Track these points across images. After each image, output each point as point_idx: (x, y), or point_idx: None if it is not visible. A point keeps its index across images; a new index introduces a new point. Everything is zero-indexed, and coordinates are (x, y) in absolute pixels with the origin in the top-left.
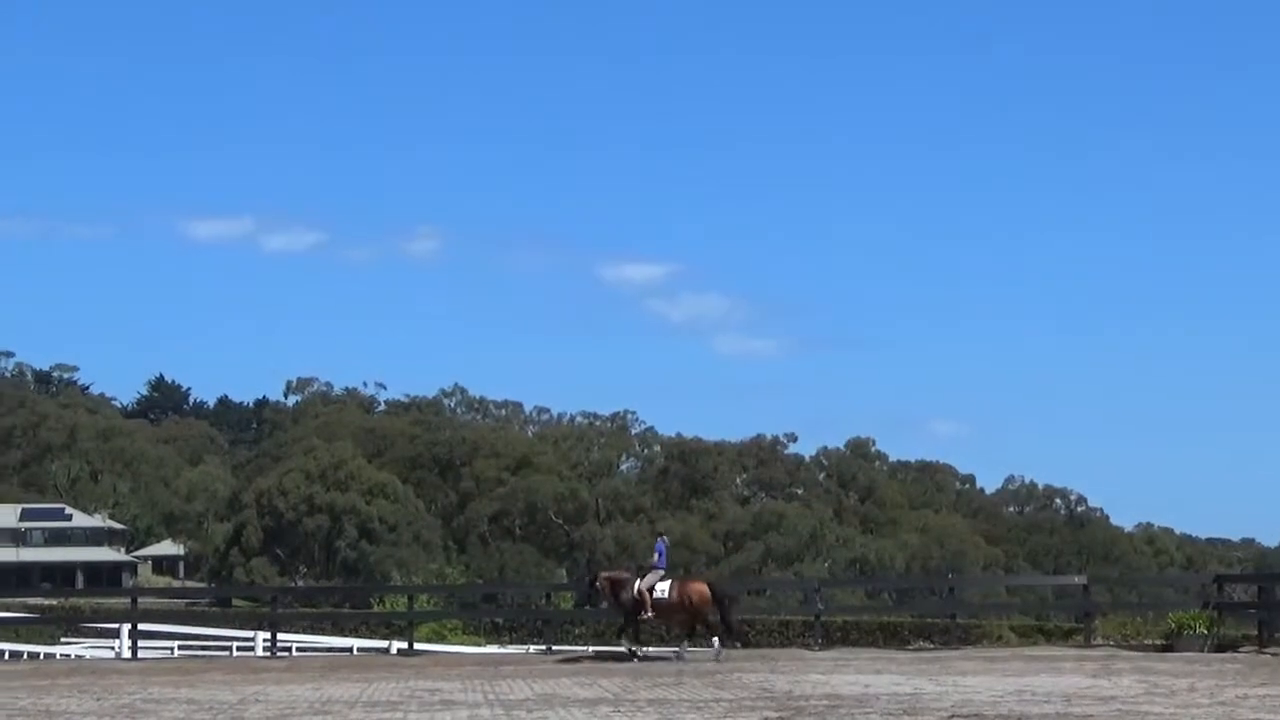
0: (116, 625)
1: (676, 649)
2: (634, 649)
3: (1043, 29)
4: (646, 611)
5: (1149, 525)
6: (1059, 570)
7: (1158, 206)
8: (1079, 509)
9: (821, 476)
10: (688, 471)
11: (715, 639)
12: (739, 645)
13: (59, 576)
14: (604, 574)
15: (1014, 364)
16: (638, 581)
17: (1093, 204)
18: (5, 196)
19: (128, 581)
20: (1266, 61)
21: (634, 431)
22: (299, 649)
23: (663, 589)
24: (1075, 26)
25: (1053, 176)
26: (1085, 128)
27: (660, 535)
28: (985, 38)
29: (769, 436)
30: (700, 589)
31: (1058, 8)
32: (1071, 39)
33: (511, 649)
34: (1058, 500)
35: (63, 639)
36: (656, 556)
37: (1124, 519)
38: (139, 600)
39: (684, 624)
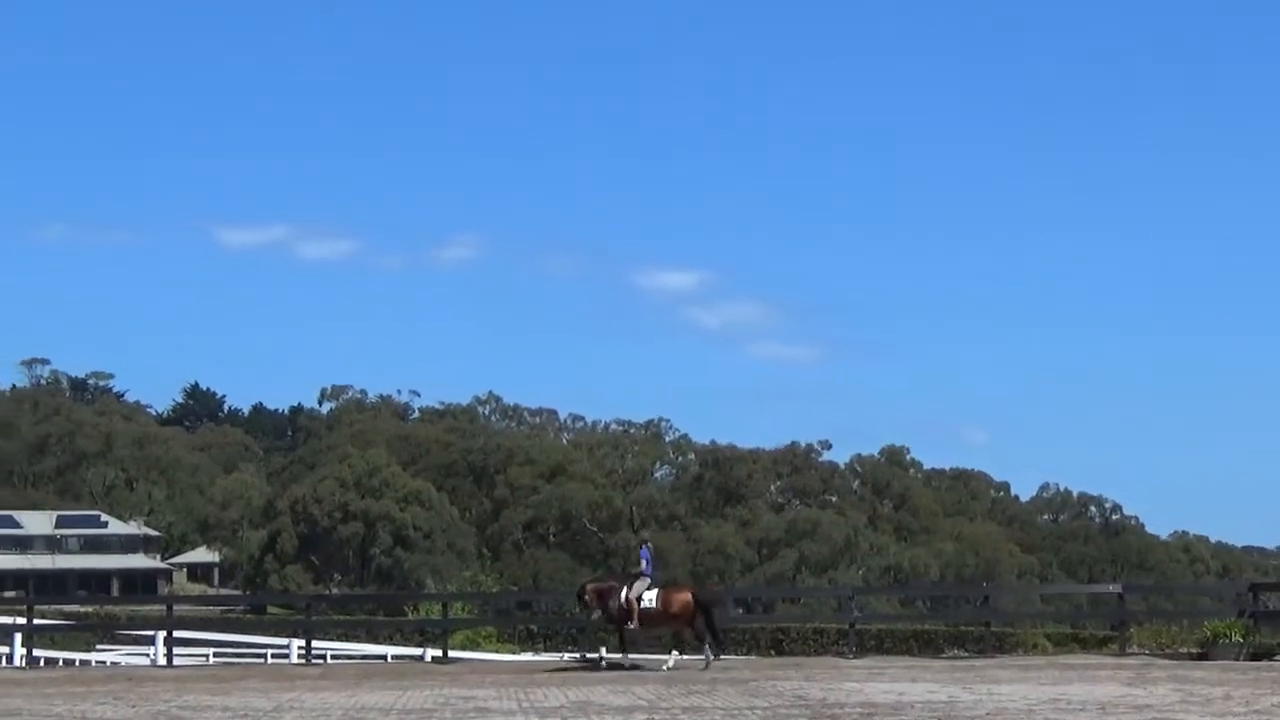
0: (152, 632)
1: (666, 656)
2: (623, 658)
3: (1088, 30)
4: (633, 621)
5: (1184, 533)
6: (1094, 578)
7: (1190, 209)
8: (1114, 517)
9: (856, 484)
10: (722, 479)
11: (707, 646)
12: (718, 656)
13: (95, 583)
14: (590, 585)
15: (1049, 371)
16: (624, 590)
17: (1126, 207)
18: (41, 204)
19: (163, 589)
20: None
21: (668, 439)
22: (333, 656)
23: (649, 598)
24: (1122, 29)
25: (1085, 180)
26: (1121, 131)
27: (645, 542)
28: (1026, 40)
29: (803, 444)
30: (683, 598)
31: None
32: (1120, 38)
33: (546, 656)
34: (1092, 508)
35: (98, 646)
36: (643, 564)
37: (1159, 527)
38: (174, 607)
39: (673, 631)
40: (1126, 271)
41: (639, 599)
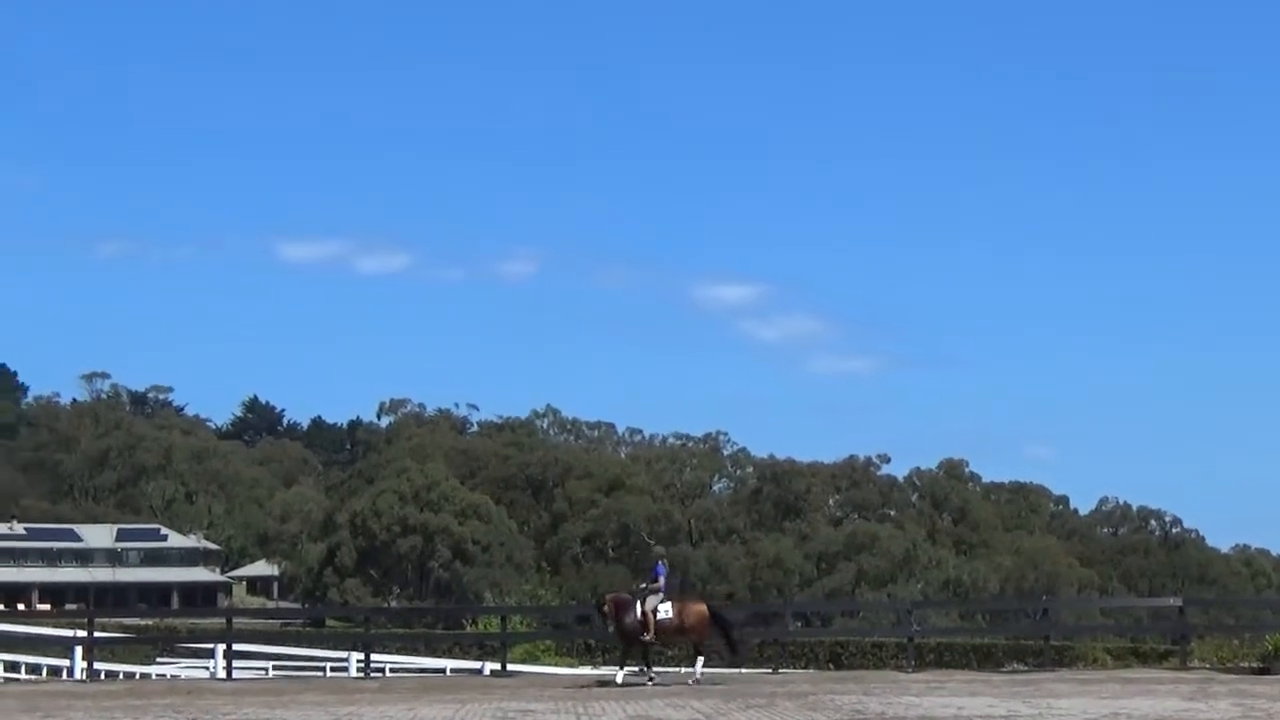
0: (211, 645)
1: (689, 669)
2: (644, 670)
3: (1156, 41)
4: (649, 634)
5: (1245, 547)
6: (1154, 592)
7: (1255, 222)
8: (1174, 530)
9: (914, 498)
10: (780, 492)
11: (699, 660)
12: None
13: (155, 597)
14: (610, 596)
15: (1107, 385)
16: (639, 604)
17: (1190, 221)
18: (100, 219)
19: (222, 602)
20: None
21: (726, 452)
22: (392, 670)
23: (665, 610)
24: (1195, 40)
25: (1145, 197)
26: (1186, 143)
27: (661, 558)
28: (1082, 55)
29: (861, 457)
30: (699, 610)
31: (1181, 23)
32: (1193, 51)
33: (604, 670)
34: (1152, 522)
35: (158, 659)
36: (660, 580)
37: (1220, 540)
38: (233, 621)
39: (688, 644)
40: (1189, 285)
41: (654, 612)
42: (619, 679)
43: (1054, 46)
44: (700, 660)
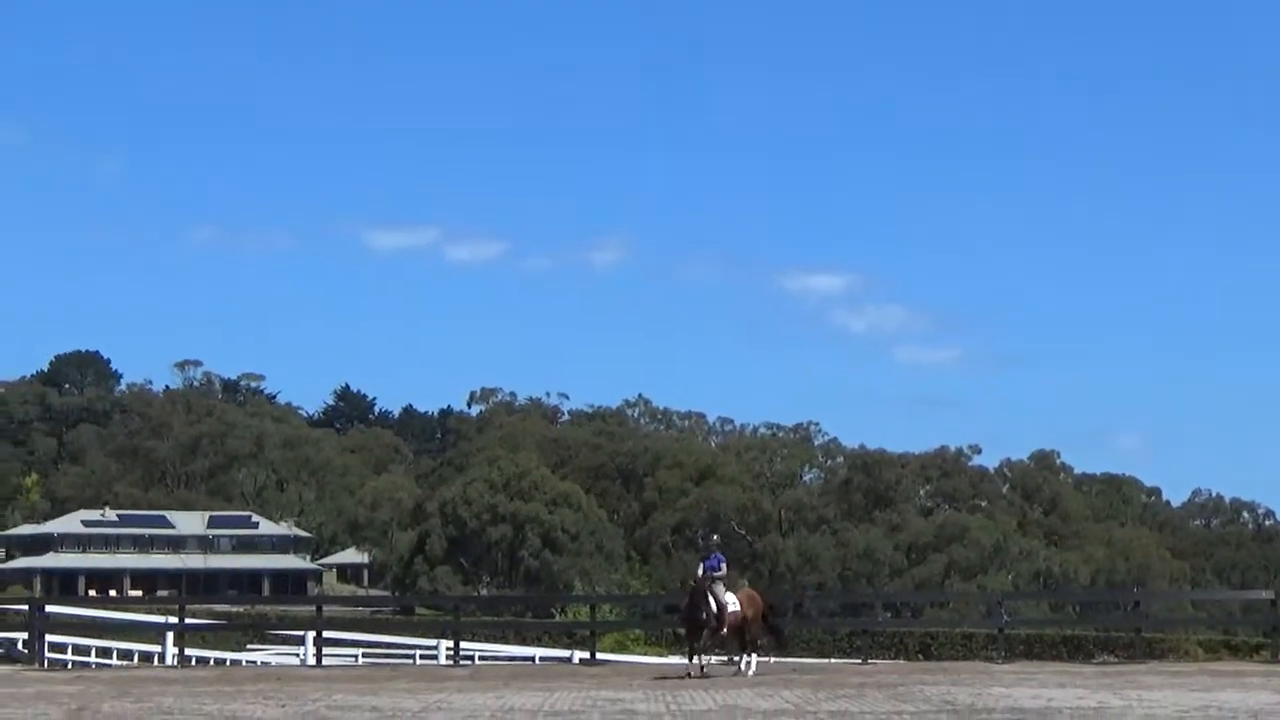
0: (301, 632)
1: (735, 658)
2: (700, 664)
3: (1247, 39)
4: (724, 626)
5: None
6: (1246, 584)
7: None
8: (1267, 523)
9: (1005, 489)
10: (870, 483)
11: (754, 653)
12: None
13: (246, 583)
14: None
15: (1200, 376)
16: (711, 597)
17: (1271, 213)
18: (193, 207)
19: (313, 589)
20: None
21: (817, 442)
22: (481, 658)
23: (733, 601)
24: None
25: (1239, 188)
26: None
27: (718, 548)
28: (1181, 45)
29: (952, 448)
30: (758, 600)
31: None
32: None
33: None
34: (1245, 514)
35: (249, 645)
36: (723, 570)
37: None
38: (324, 608)
39: (744, 634)
40: (1275, 276)
41: (726, 604)
42: (700, 669)
43: (1161, 39)
44: (755, 653)
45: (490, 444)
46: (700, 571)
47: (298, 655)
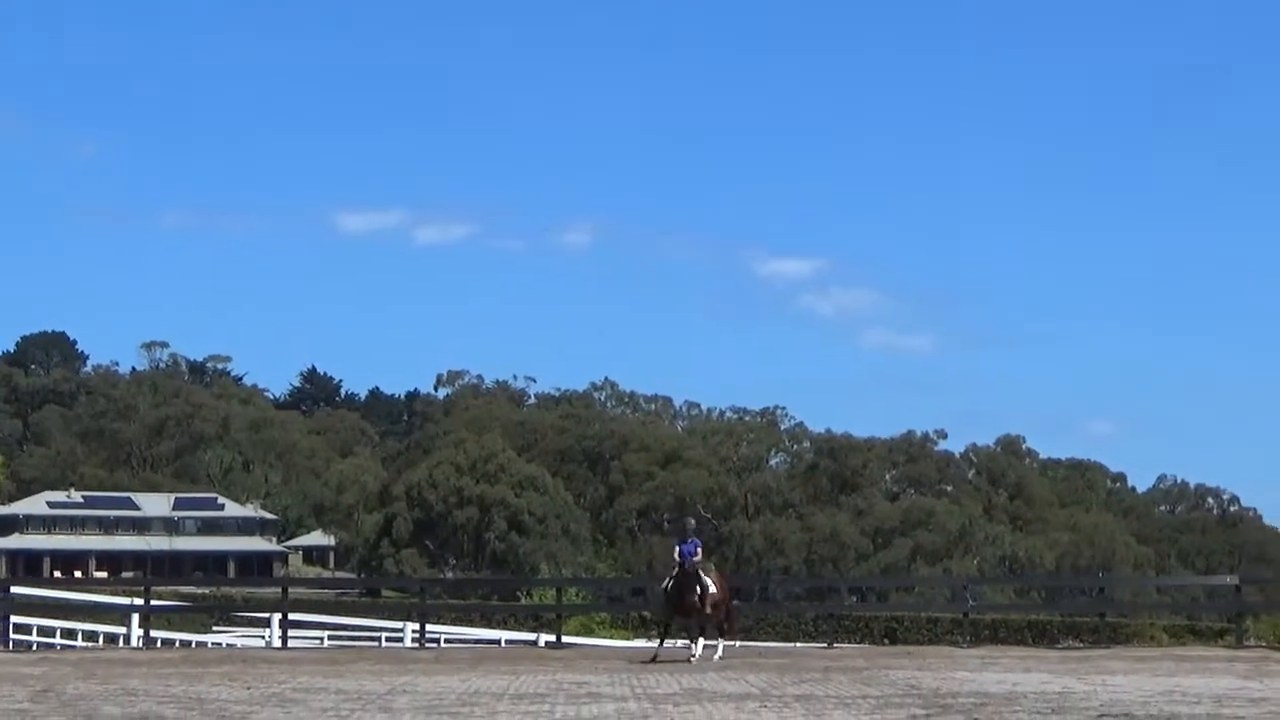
0: (267, 614)
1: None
2: (662, 644)
3: (1208, 26)
4: (707, 608)
5: None
6: (1210, 570)
7: None
8: (1231, 508)
9: (971, 474)
10: (837, 467)
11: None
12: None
13: (211, 565)
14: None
15: (1166, 363)
16: (696, 582)
17: (1243, 199)
18: (161, 190)
19: (278, 571)
20: None
21: (783, 427)
22: (447, 640)
23: (711, 585)
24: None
25: (1207, 172)
26: (1242, 123)
27: (696, 530)
28: (1144, 31)
29: (919, 433)
30: (724, 582)
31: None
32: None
33: (649, 645)
34: (1210, 499)
35: (214, 627)
36: (700, 553)
37: (1278, 519)
38: (289, 590)
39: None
40: (1249, 262)
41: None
42: (698, 652)
43: (1112, 20)
44: (722, 638)
45: (457, 427)
46: (676, 556)
47: (263, 637)
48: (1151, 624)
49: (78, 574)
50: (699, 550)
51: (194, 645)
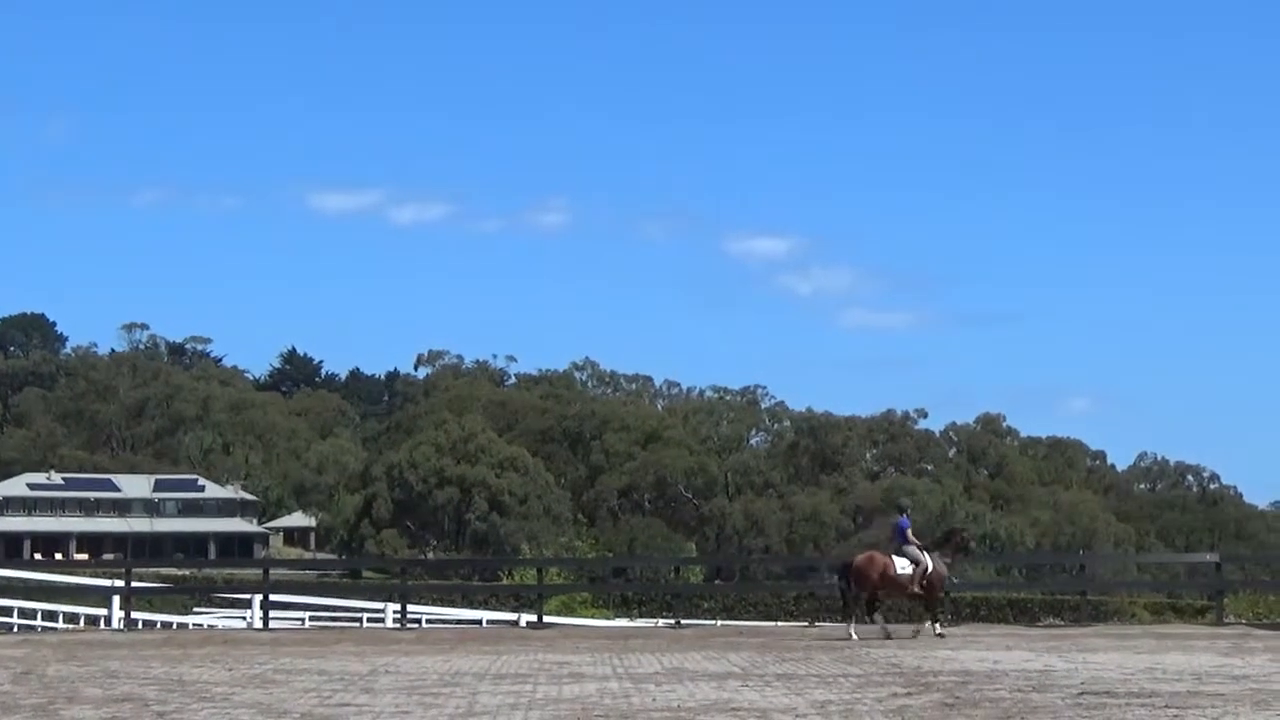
0: (248, 596)
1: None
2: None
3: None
4: (914, 586)
5: None
6: (1191, 548)
7: None
8: (1211, 486)
9: (951, 452)
10: (817, 446)
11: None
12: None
13: (192, 547)
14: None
15: (1147, 340)
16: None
17: (1224, 175)
18: (139, 169)
19: (259, 552)
20: None
21: (764, 406)
22: (428, 621)
23: (904, 566)
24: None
25: (1186, 149)
26: (1218, 106)
27: (907, 510)
28: (1112, 18)
29: (899, 412)
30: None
31: None
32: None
33: (641, 623)
34: (1190, 477)
35: (195, 609)
36: (909, 533)
37: (1258, 497)
38: (270, 571)
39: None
40: (1229, 239)
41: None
42: (854, 634)
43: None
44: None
45: (437, 407)
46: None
47: (244, 618)
48: (1132, 601)
49: (58, 555)
50: (908, 530)
51: (175, 627)
